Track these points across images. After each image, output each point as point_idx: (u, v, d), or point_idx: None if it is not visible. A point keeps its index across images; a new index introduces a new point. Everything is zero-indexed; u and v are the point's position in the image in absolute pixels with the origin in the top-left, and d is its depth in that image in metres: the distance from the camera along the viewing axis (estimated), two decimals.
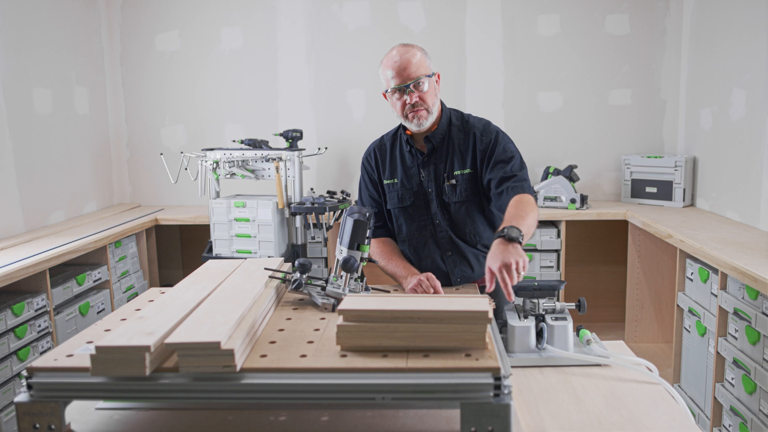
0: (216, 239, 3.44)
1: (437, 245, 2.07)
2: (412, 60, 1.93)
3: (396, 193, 2.09)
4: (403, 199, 2.08)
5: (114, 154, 4.36)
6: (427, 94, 1.96)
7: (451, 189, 2.03)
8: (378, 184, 2.14)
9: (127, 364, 1.21)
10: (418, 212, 2.07)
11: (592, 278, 4.27)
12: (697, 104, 3.84)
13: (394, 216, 2.12)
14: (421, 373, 1.21)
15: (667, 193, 3.90)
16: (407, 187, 2.07)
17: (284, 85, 4.26)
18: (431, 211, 2.07)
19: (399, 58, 1.94)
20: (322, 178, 4.31)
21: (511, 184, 1.93)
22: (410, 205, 2.07)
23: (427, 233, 2.08)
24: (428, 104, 1.97)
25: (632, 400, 1.51)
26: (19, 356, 2.54)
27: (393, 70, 1.94)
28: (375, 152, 2.16)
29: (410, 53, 1.94)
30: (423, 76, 1.94)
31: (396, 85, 1.95)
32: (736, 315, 2.40)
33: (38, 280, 2.70)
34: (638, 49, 4.11)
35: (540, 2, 4.11)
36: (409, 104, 1.96)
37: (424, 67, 1.95)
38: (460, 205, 2.03)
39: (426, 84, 1.95)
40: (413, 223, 2.08)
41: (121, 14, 4.24)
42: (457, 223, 2.05)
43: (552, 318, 1.77)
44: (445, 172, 2.03)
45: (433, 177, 2.05)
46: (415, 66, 1.93)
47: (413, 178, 2.07)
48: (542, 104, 4.20)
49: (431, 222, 2.07)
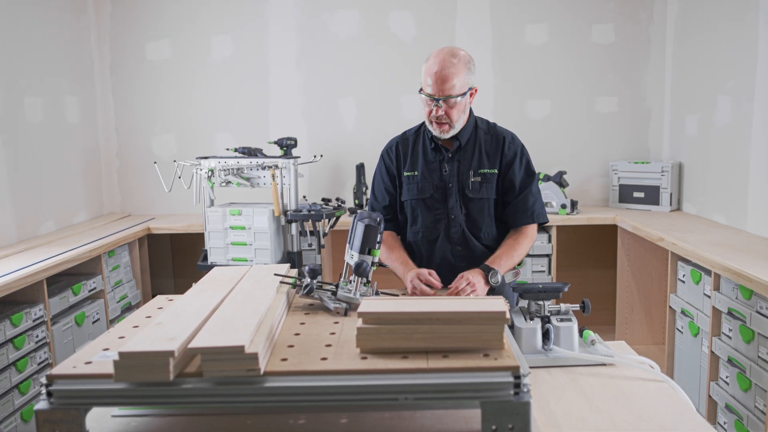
0: (211, 248, 3.44)
1: (449, 240, 2.14)
2: (451, 76, 1.95)
3: (416, 185, 2.15)
4: (423, 191, 2.14)
5: (104, 163, 4.34)
6: (454, 110, 2.00)
7: (477, 185, 2.11)
8: (395, 177, 2.20)
9: (151, 369, 1.22)
10: (435, 205, 2.14)
11: (582, 282, 4.34)
12: (682, 111, 3.94)
13: (411, 207, 2.17)
14: (442, 374, 1.24)
15: (654, 197, 3.99)
16: (428, 179, 2.13)
17: (275, 93, 4.28)
18: (449, 205, 2.13)
19: (439, 69, 1.96)
20: (314, 185, 4.33)
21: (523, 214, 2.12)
22: (429, 197, 2.13)
23: (441, 226, 2.14)
24: (453, 119, 2.02)
25: (639, 397, 1.55)
26: (18, 367, 2.51)
27: (431, 78, 1.98)
28: (398, 145, 2.22)
29: (454, 68, 1.96)
30: (456, 96, 1.98)
31: (428, 93, 2.00)
32: (730, 315, 2.46)
33: (35, 290, 2.68)
34: (624, 58, 4.20)
35: (528, 12, 4.18)
36: (434, 115, 2.01)
37: (460, 84, 1.98)
38: (482, 202, 2.11)
39: (457, 101, 2.00)
40: (430, 215, 2.14)
41: (111, 23, 4.23)
42: (474, 219, 2.12)
43: (557, 319, 1.81)
44: (471, 169, 2.11)
45: (456, 172, 2.12)
46: (452, 83, 1.96)
47: (434, 172, 2.13)
48: (531, 112, 4.27)
49: (447, 216, 2.13)
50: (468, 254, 2.14)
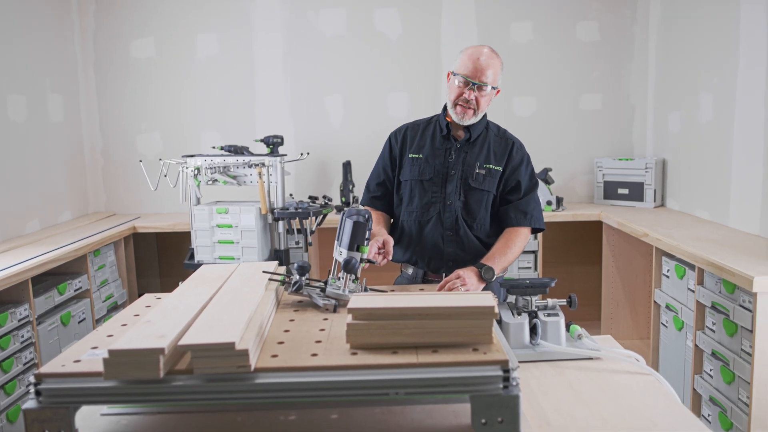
0: (198, 246, 3.42)
1: (441, 224, 2.18)
2: (491, 66, 2.08)
3: (418, 166, 2.21)
4: (423, 173, 2.20)
5: (88, 162, 4.30)
6: (483, 99, 2.11)
7: (481, 177, 2.18)
8: (396, 158, 2.27)
9: (141, 366, 1.21)
10: (432, 188, 2.19)
11: (567, 278, 4.37)
12: (665, 108, 3.98)
13: (409, 188, 2.23)
14: (432, 368, 1.25)
15: (638, 194, 4.03)
16: (430, 163, 2.20)
17: (262, 91, 4.27)
18: (446, 190, 2.18)
19: (483, 58, 2.08)
20: (300, 183, 4.32)
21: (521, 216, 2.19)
22: (428, 180, 2.19)
23: (434, 210, 2.19)
24: (479, 107, 2.12)
25: (626, 389, 1.57)
26: (3, 367, 2.49)
27: (472, 62, 2.07)
28: (407, 130, 2.30)
29: (493, 61, 2.10)
30: (489, 85, 2.09)
31: (466, 75, 2.08)
32: (714, 309, 2.50)
33: (20, 290, 2.66)
34: (608, 56, 4.24)
35: (513, 10, 4.20)
36: (465, 98, 2.10)
37: (495, 77, 2.11)
38: (482, 193, 2.18)
39: (487, 90, 2.10)
40: (425, 196, 2.20)
41: (95, 20, 4.19)
42: (471, 209, 2.18)
43: (544, 314, 1.83)
44: (478, 161, 2.18)
45: (462, 162, 2.18)
46: (490, 72, 2.08)
47: (438, 158, 2.20)
48: (517, 109, 4.29)
49: (442, 200, 2.19)
50: (457, 240, 2.18)
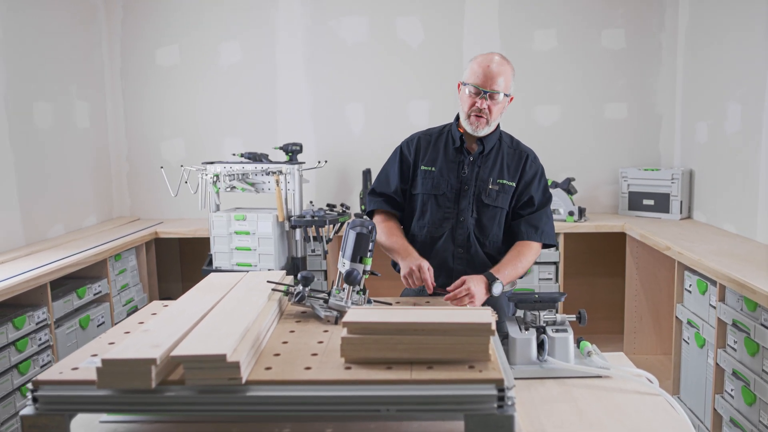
0: (216, 252, 3.45)
1: (453, 240, 2.13)
2: (502, 73, 2.03)
3: (431, 180, 2.15)
4: (437, 187, 2.14)
5: (114, 167, 4.38)
6: (496, 107, 2.05)
7: (494, 193, 2.12)
8: (410, 168, 2.20)
9: (134, 376, 1.22)
10: (446, 203, 2.14)
11: (590, 290, 4.29)
12: (692, 118, 3.88)
13: (421, 201, 2.16)
14: (425, 385, 1.23)
15: (664, 205, 3.93)
16: (445, 177, 2.14)
17: (283, 99, 4.29)
18: (460, 206, 2.13)
19: (492, 65, 2.03)
20: (321, 191, 4.33)
21: (532, 230, 2.13)
22: (441, 195, 2.14)
23: (447, 225, 2.13)
24: (492, 116, 2.06)
25: (634, 411, 1.52)
26: (20, 370, 2.54)
27: (482, 71, 2.03)
28: (420, 139, 2.23)
29: (504, 68, 2.05)
30: (502, 93, 2.04)
31: (476, 84, 2.04)
32: (735, 326, 2.41)
33: (39, 294, 2.71)
34: (634, 64, 4.16)
35: (537, 17, 4.16)
36: (477, 107, 2.04)
37: (507, 84, 2.05)
38: (496, 210, 2.12)
39: (500, 98, 2.04)
40: (439, 211, 2.14)
41: (122, 29, 4.27)
42: (483, 226, 2.12)
43: (553, 330, 1.78)
44: (491, 176, 2.13)
45: (475, 176, 2.13)
46: (501, 79, 2.03)
47: (453, 171, 2.14)
48: (540, 118, 4.24)
49: (456, 216, 2.13)
50: (468, 258, 2.12)
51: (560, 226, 3.76)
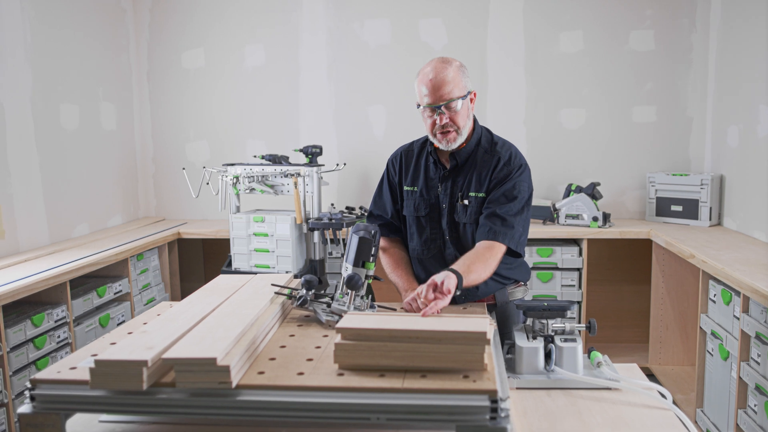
0: (235, 253, 3.47)
1: (443, 260, 2.04)
2: (447, 79, 1.87)
3: (413, 201, 2.07)
4: (418, 209, 2.06)
5: (140, 168, 4.45)
6: (458, 115, 1.91)
7: (463, 209, 2.01)
8: (396, 188, 2.13)
9: (125, 378, 1.22)
10: (430, 224, 2.06)
11: (615, 298, 4.19)
12: (723, 121, 3.76)
13: (408, 224, 2.11)
14: (416, 394, 1.20)
15: (693, 212, 3.82)
16: (425, 197, 2.05)
17: (306, 101, 4.31)
18: (442, 226, 2.05)
19: (434, 76, 1.88)
20: (343, 193, 4.33)
21: (496, 227, 1.92)
22: (424, 216, 2.05)
23: (435, 247, 2.06)
24: (459, 125, 1.93)
25: (640, 426, 1.46)
26: (38, 366, 2.59)
27: (426, 87, 1.89)
28: (401, 156, 2.14)
29: (446, 72, 1.88)
30: (456, 98, 1.89)
31: (428, 103, 1.91)
32: (759, 339, 2.32)
33: (59, 292, 2.76)
34: (663, 66, 4.05)
35: (562, 19, 4.08)
36: (439, 125, 1.92)
37: (459, 87, 1.90)
38: (468, 226, 2.01)
39: (459, 105, 1.90)
40: (423, 234, 2.07)
41: (149, 32, 4.34)
42: (463, 244, 2.03)
43: (561, 339, 1.73)
44: (461, 191, 2.01)
45: (449, 193, 2.03)
46: (450, 86, 1.88)
47: (432, 190, 2.05)
48: (565, 121, 4.16)
49: (441, 236, 2.05)
50: None
51: (584, 232, 3.69)
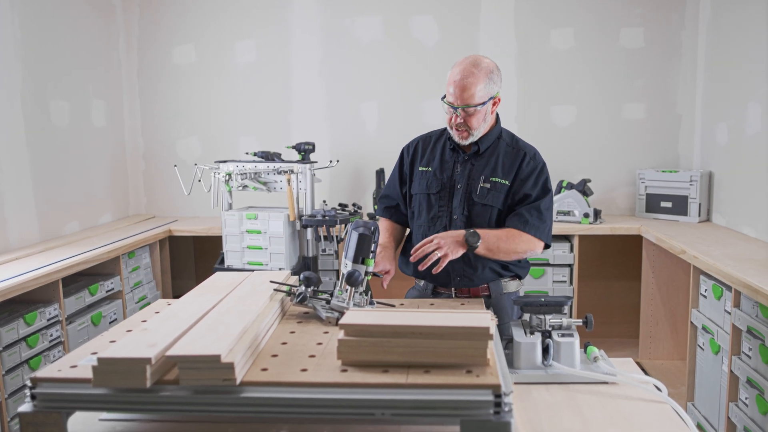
0: (228, 251, 3.46)
1: None
2: (472, 87, 1.97)
3: (426, 180, 2.17)
4: (430, 186, 2.15)
5: (130, 165, 4.42)
6: (473, 118, 2.01)
7: (485, 191, 2.09)
8: (406, 173, 2.24)
9: (129, 376, 1.22)
10: (439, 202, 2.14)
11: (605, 293, 4.23)
12: (712, 118, 3.81)
13: (417, 201, 2.19)
14: (420, 389, 1.21)
15: (682, 208, 3.86)
16: (438, 177, 2.15)
17: (298, 97, 4.30)
18: (452, 204, 2.12)
19: (460, 79, 1.97)
20: (335, 190, 4.33)
21: (532, 218, 2.06)
22: (435, 194, 2.14)
23: (440, 224, 2.13)
24: (472, 128, 2.03)
25: (638, 419, 1.48)
26: (31, 365, 2.57)
27: (452, 86, 2.00)
28: (419, 143, 2.25)
29: (472, 78, 1.97)
30: (474, 105, 1.98)
31: (449, 102, 2.02)
32: (750, 333, 2.35)
33: (51, 290, 2.74)
34: (653, 63, 4.09)
35: (554, 16, 4.11)
36: (455, 122, 2.03)
37: (481, 95, 1.98)
38: (486, 208, 2.09)
39: (475, 110, 2.00)
40: (431, 210, 2.15)
41: (139, 28, 4.31)
42: (474, 224, 2.09)
43: (558, 334, 1.75)
44: (483, 174, 2.10)
45: (467, 175, 2.11)
46: (472, 92, 1.97)
47: (446, 171, 2.15)
48: (556, 118, 4.19)
49: (448, 215, 2.13)
50: (462, 256, 2.05)
51: (574, 228, 3.72)
